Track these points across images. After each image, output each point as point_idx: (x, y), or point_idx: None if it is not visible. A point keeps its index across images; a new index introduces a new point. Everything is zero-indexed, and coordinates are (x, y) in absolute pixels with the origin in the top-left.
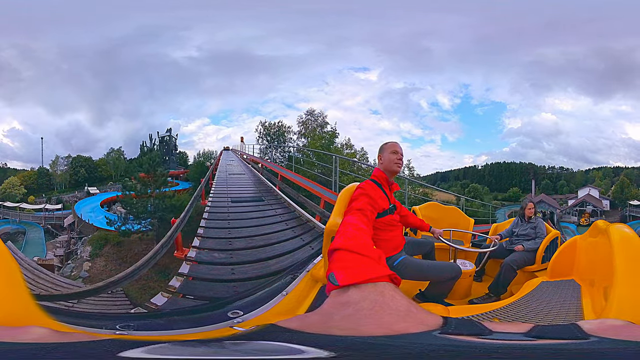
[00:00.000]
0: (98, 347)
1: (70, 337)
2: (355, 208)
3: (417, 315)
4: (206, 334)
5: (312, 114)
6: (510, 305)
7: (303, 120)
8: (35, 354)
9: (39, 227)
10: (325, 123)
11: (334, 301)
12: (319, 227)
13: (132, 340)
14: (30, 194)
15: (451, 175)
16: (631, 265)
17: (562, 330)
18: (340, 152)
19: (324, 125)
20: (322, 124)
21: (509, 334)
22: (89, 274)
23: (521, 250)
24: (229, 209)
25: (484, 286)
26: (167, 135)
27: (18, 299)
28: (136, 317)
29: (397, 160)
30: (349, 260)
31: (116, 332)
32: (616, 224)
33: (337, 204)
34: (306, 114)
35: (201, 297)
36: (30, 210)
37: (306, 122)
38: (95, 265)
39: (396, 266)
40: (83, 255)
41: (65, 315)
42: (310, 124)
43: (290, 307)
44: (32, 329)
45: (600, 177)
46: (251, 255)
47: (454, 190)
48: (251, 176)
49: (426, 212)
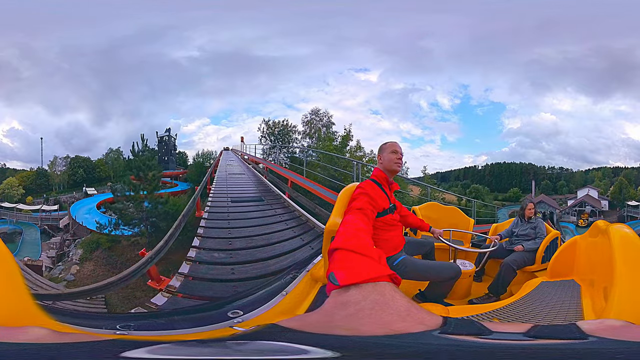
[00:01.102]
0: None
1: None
2: (355, 207)
3: (417, 315)
4: (206, 334)
5: (317, 113)
6: (510, 305)
7: (308, 120)
8: (35, 354)
9: (35, 227)
10: (331, 123)
11: (334, 301)
12: (319, 227)
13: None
14: (29, 195)
15: (451, 175)
16: (631, 265)
17: (561, 330)
18: (353, 155)
19: (329, 125)
20: (328, 124)
21: (509, 333)
22: (75, 277)
23: (521, 250)
24: (229, 209)
25: (483, 286)
26: (166, 135)
27: (18, 299)
28: (136, 317)
29: (397, 160)
30: (349, 260)
31: (116, 332)
32: (616, 224)
33: (337, 204)
34: (311, 113)
35: (201, 297)
36: (28, 210)
37: (311, 122)
38: (84, 269)
39: (396, 266)
40: (74, 258)
41: (66, 316)
42: (315, 124)
43: (290, 307)
44: (32, 329)
45: (599, 178)
46: (251, 255)
47: (455, 191)
48: (251, 175)
49: (426, 212)
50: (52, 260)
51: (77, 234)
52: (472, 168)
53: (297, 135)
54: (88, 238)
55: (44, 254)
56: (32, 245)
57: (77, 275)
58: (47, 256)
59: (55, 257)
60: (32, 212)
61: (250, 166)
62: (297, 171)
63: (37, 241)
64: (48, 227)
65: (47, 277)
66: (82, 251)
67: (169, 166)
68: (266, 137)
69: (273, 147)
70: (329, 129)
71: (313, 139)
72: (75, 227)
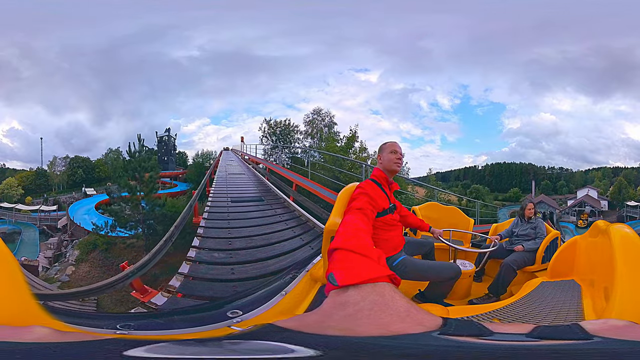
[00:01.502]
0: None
1: (73, 336)
2: (355, 207)
3: (416, 315)
4: (205, 334)
5: (319, 113)
6: (510, 305)
7: (310, 120)
8: (38, 353)
9: (34, 227)
10: (333, 123)
11: (333, 301)
12: (319, 227)
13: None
14: (28, 195)
15: (452, 175)
16: (632, 265)
17: (564, 331)
18: (358, 157)
19: (331, 125)
20: (329, 125)
21: (511, 334)
22: (70, 278)
23: (521, 250)
24: (229, 209)
25: (483, 286)
26: (166, 135)
27: (20, 298)
28: (136, 317)
29: (397, 160)
30: (349, 260)
31: (117, 332)
32: (617, 224)
33: (336, 204)
34: (313, 113)
35: (201, 297)
36: (27, 211)
37: (313, 122)
38: (79, 270)
39: (396, 266)
40: (70, 259)
41: (66, 315)
42: (317, 124)
43: (290, 307)
44: (35, 329)
45: (599, 178)
46: (251, 255)
47: (455, 191)
48: (251, 176)
49: (426, 212)
50: (49, 261)
51: (75, 235)
52: (472, 168)
53: (299, 135)
54: (85, 239)
55: (41, 254)
56: (31, 245)
57: (71, 276)
58: (45, 256)
59: (52, 258)
60: (31, 212)
61: (251, 166)
62: (300, 172)
63: (36, 241)
64: (47, 227)
65: (43, 277)
66: (78, 252)
67: (168, 166)
68: (267, 137)
69: (275, 148)
70: (331, 129)
71: (315, 139)
72: (73, 227)
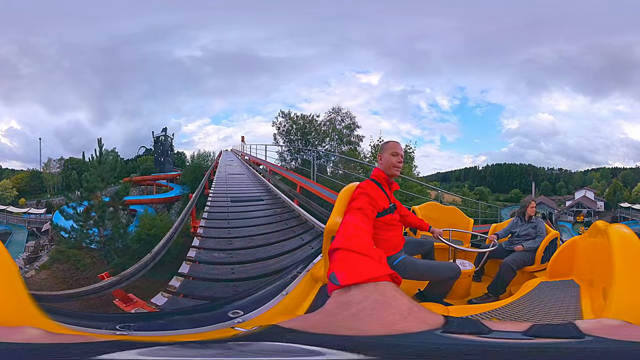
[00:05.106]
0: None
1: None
2: (355, 207)
3: (419, 314)
4: (207, 335)
5: (338, 112)
6: (509, 305)
7: (328, 119)
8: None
9: (25, 229)
10: (355, 126)
11: (336, 301)
12: (319, 227)
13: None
14: (23, 197)
15: (452, 175)
16: (630, 265)
17: (559, 330)
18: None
19: (352, 128)
20: (350, 127)
21: (508, 332)
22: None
23: (521, 250)
24: (229, 209)
25: (483, 286)
26: (162, 135)
27: (15, 299)
28: (136, 317)
29: (397, 164)
30: (350, 260)
31: (116, 333)
32: (615, 224)
33: (337, 204)
34: (332, 111)
35: (201, 297)
36: (19, 213)
37: (332, 121)
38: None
39: (396, 266)
40: (36, 264)
41: (65, 316)
42: (337, 124)
43: (291, 307)
44: (26, 330)
45: (597, 178)
46: (251, 255)
47: (456, 192)
48: (251, 176)
49: (426, 212)
50: (23, 263)
51: (54, 240)
52: (473, 169)
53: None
54: (55, 248)
55: (21, 255)
56: (18, 246)
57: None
58: (22, 258)
59: (26, 260)
60: (23, 214)
61: (251, 167)
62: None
63: (23, 243)
64: (36, 229)
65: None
66: (47, 258)
67: (165, 168)
68: (283, 136)
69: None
70: (352, 131)
71: (333, 141)
72: (53, 232)
